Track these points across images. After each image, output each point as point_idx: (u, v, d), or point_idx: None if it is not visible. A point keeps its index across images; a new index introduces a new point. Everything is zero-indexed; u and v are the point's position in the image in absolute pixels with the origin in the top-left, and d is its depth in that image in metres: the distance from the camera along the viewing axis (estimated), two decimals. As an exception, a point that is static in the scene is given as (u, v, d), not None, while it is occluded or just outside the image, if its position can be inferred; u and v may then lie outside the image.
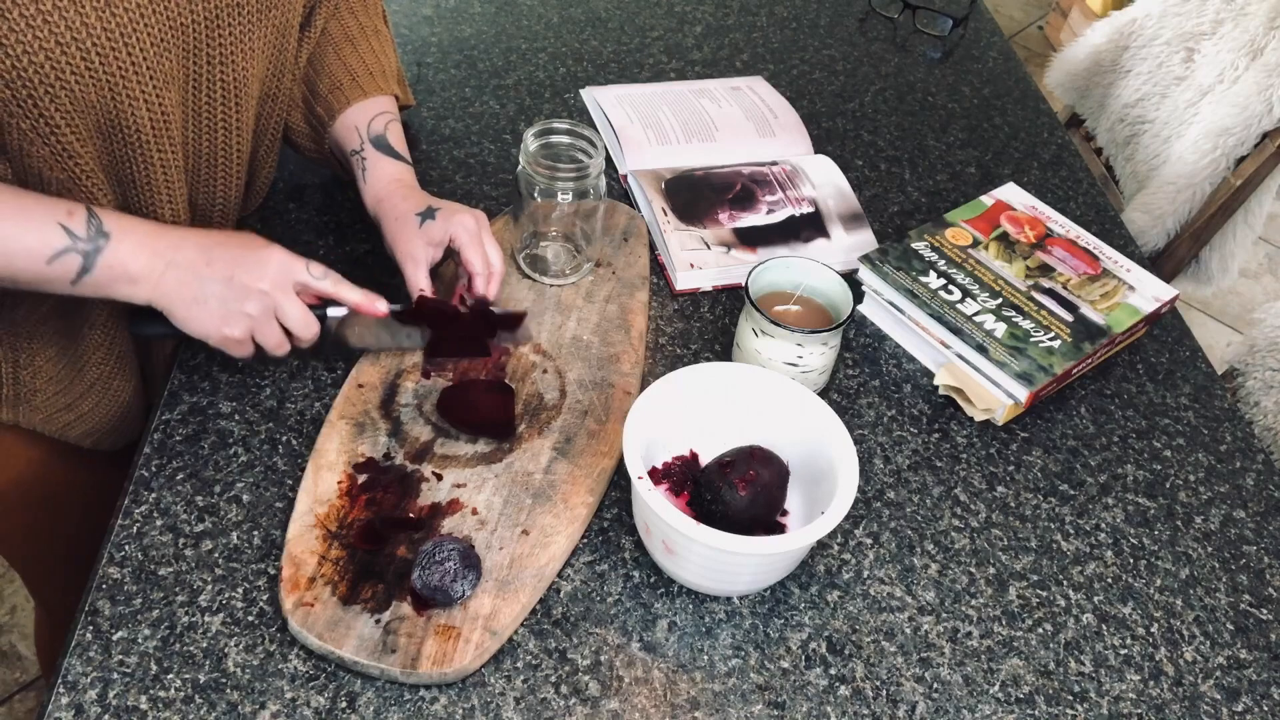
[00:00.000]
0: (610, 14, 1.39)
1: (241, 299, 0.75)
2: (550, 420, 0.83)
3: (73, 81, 0.68)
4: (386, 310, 0.81)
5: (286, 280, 0.77)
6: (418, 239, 0.85)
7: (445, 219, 0.85)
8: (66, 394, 0.88)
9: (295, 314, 0.78)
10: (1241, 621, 0.80)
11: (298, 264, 0.78)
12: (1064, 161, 1.25)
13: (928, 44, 1.43)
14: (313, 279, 0.78)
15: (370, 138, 0.91)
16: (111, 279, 0.73)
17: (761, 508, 0.74)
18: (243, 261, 0.75)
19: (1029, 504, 0.85)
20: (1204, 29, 1.49)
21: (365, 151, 0.91)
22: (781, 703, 0.70)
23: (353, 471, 0.77)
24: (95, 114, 0.72)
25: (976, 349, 0.91)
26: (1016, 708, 0.72)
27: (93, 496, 0.95)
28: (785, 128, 1.19)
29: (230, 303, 0.75)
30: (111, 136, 0.74)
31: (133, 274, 0.73)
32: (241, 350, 0.78)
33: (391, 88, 0.95)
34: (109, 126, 0.73)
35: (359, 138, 0.91)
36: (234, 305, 0.75)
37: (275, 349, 0.78)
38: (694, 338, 0.95)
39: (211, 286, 0.74)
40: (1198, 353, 1.02)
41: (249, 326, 0.76)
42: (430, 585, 0.69)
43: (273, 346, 0.78)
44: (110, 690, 0.65)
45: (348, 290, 0.80)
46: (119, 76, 0.70)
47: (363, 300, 0.80)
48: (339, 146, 0.93)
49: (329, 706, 0.66)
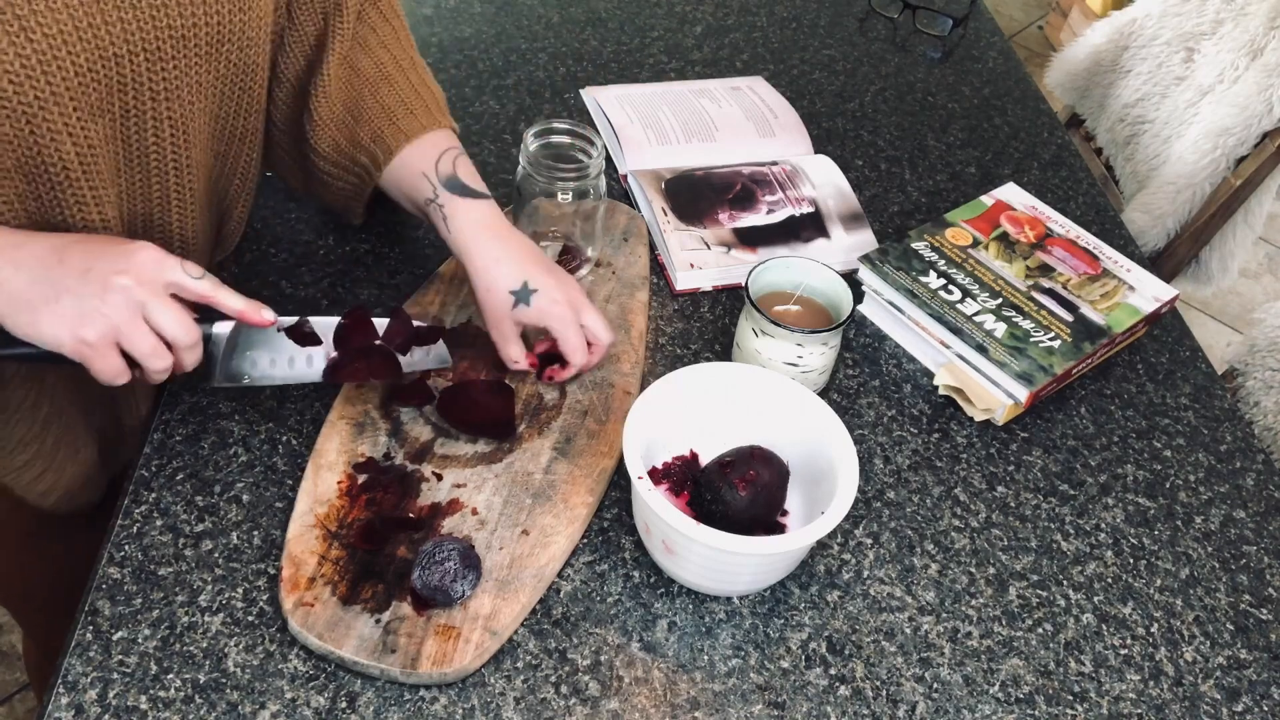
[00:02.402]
0: (610, 14, 1.39)
1: (100, 295, 0.64)
2: (550, 420, 0.83)
3: None
4: (273, 320, 0.72)
5: (156, 277, 0.67)
6: (508, 318, 0.81)
7: (540, 308, 0.81)
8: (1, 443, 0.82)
9: (169, 315, 0.67)
10: (1241, 621, 0.80)
11: (170, 260, 0.67)
12: (1064, 161, 1.25)
13: (928, 44, 1.43)
14: (189, 278, 0.68)
15: (442, 181, 0.83)
16: None
17: (761, 508, 0.74)
18: (102, 254, 0.66)
19: (1029, 504, 0.85)
20: (1204, 29, 1.49)
21: (441, 199, 0.82)
22: (781, 703, 0.70)
23: (353, 471, 0.77)
24: (13, 149, 0.66)
25: (976, 349, 0.91)
26: (1016, 708, 0.72)
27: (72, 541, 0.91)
28: (785, 128, 1.19)
29: (87, 300, 0.64)
30: (35, 176, 0.68)
31: None
32: (106, 363, 0.66)
33: (446, 120, 0.88)
34: (30, 163, 0.67)
35: (429, 184, 0.83)
36: (91, 303, 0.64)
37: (149, 357, 0.67)
38: (694, 338, 0.95)
39: (65, 283, 0.64)
40: (1198, 353, 1.02)
41: (111, 329, 0.65)
42: (430, 585, 0.69)
43: (146, 353, 0.67)
44: (110, 690, 0.65)
45: (228, 295, 0.70)
46: (36, 107, 0.64)
47: (246, 308, 0.70)
48: (405, 198, 0.86)
49: (329, 706, 0.66)
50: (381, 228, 1.00)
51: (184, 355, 0.69)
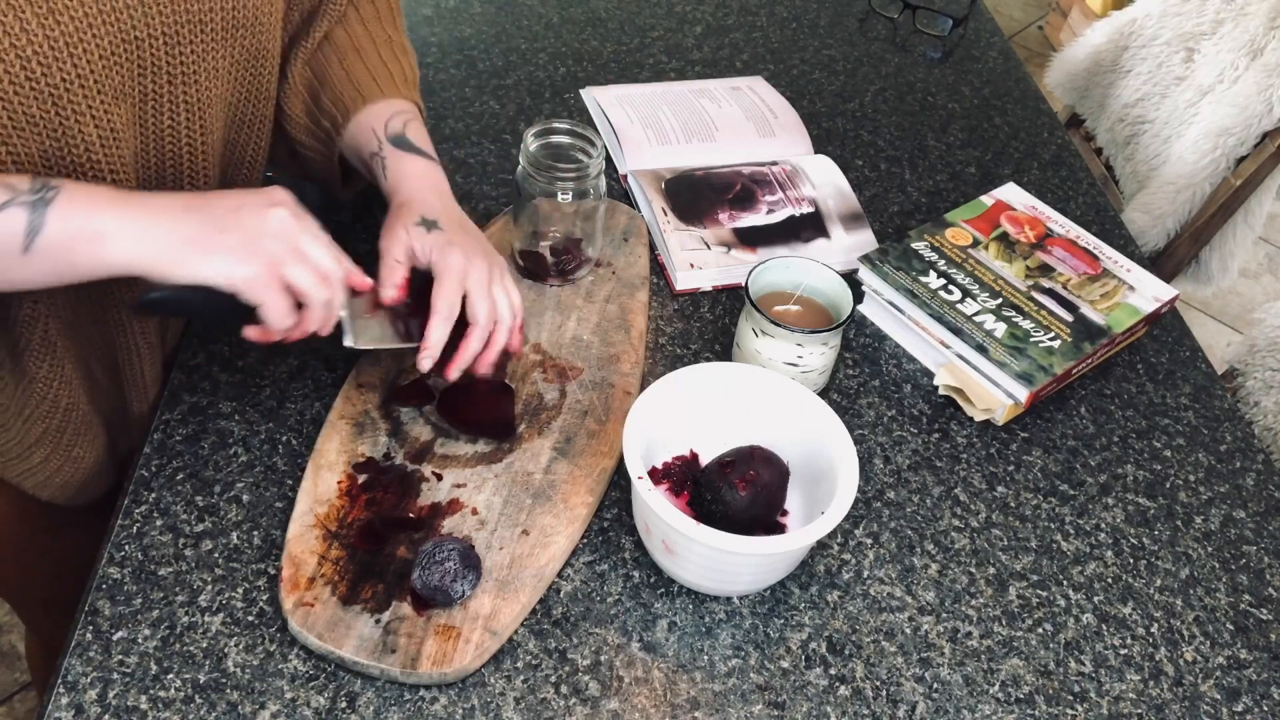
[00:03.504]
0: (610, 14, 1.39)
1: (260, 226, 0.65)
2: (550, 420, 0.83)
3: (10, 92, 0.63)
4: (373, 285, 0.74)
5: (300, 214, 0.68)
6: (405, 235, 0.77)
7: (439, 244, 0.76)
8: (18, 443, 0.82)
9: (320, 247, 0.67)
10: (1241, 621, 0.80)
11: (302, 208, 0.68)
12: (1064, 161, 1.25)
13: (928, 44, 1.43)
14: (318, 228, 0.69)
15: (389, 136, 0.83)
16: (71, 238, 0.62)
17: (761, 508, 0.74)
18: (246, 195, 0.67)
19: (1029, 504, 0.85)
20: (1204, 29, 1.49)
21: (384, 151, 0.82)
22: (781, 703, 0.70)
23: (353, 471, 0.77)
24: (38, 131, 0.66)
25: (976, 349, 0.91)
26: (1016, 708, 0.72)
27: (76, 535, 0.92)
28: (785, 128, 1.19)
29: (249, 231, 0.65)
30: (58, 161, 0.68)
31: (99, 229, 0.62)
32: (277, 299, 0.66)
33: (410, 94, 0.87)
34: (55, 147, 0.67)
35: (375, 139, 0.83)
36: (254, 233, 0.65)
37: (315, 287, 0.67)
38: (694, 338, 0.95)
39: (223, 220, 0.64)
40: (1198, 353, 1.02)
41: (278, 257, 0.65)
42: (430, 585, 0.69)
43: (312, 283, 0.67)
44: (110, 690, 0.65)
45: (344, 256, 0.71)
46: (63, 89, 0.65)
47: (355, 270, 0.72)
48: (355, 155, 0.86)
49: (329, 706, 0.66)
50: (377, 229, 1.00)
51: (337, 292, 0.69)
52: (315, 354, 0.87)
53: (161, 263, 0.63)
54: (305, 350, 0.87)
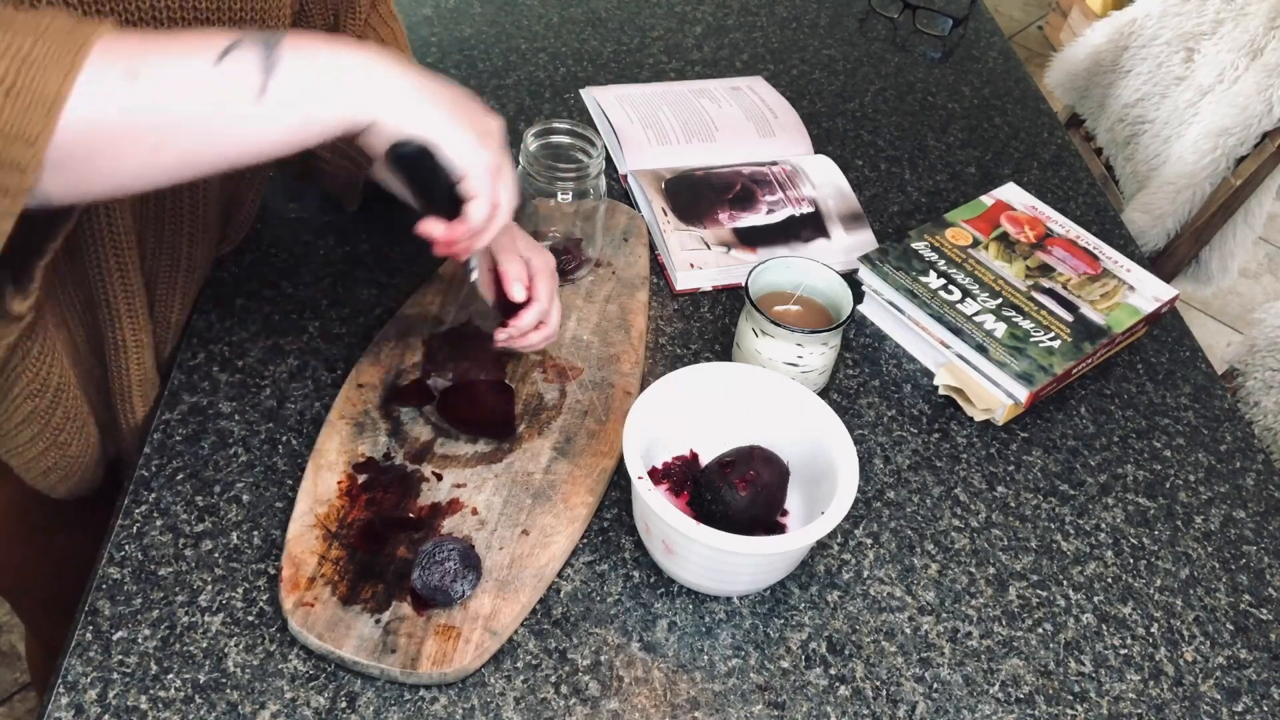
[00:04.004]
0: (610, 14, 1.39)
1: (484, 129, 0.65)
2: (550, 420, 0.83)
3: None
4: None
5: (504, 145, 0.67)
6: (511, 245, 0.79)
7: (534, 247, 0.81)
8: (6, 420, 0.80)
9: (511, 172, 0.68)
10: (1241, 621, 0.80)
11: None
12: (1064, 161, 1.25)
13: (928, 44, 1.43)
14: None
15: None
16: (311, 75, 0.56)
17: (761, 508, 0.74)
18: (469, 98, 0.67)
19: (1029, 504, 0.85)
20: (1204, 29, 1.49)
21: None
22: (781, 703, 0.70)
23: (353, 471, 0.77)
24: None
25: (976, 349, 0.91)
26: (1016, 708, 0.72)
27: (72, 539, 0.91)
28: (785, 128, 1.19)
29: (477, 126, 0.64)
30: None
31: (339, 63, 0.57)
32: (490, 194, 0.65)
33: None
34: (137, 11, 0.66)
35: None
36: (480, 129, 0.65)
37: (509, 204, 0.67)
38: (694, 338, 0.95)
39: (448, 93, 0.63)
40: (1198, 353, 1.02)
41: (495, 164, 0.65)
42: (430, 585, 0.69)
43: (510, 199, 0.67)
44: (110, 690, 0.65)
45: None
46: None
47: None
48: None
49: (329, 706, 0.66)
50: (381, 227, 1.00)
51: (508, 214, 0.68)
52: (315, 354, 0.87)
53: (404, 107, 0.60)
54: (305, 350, 0.87)
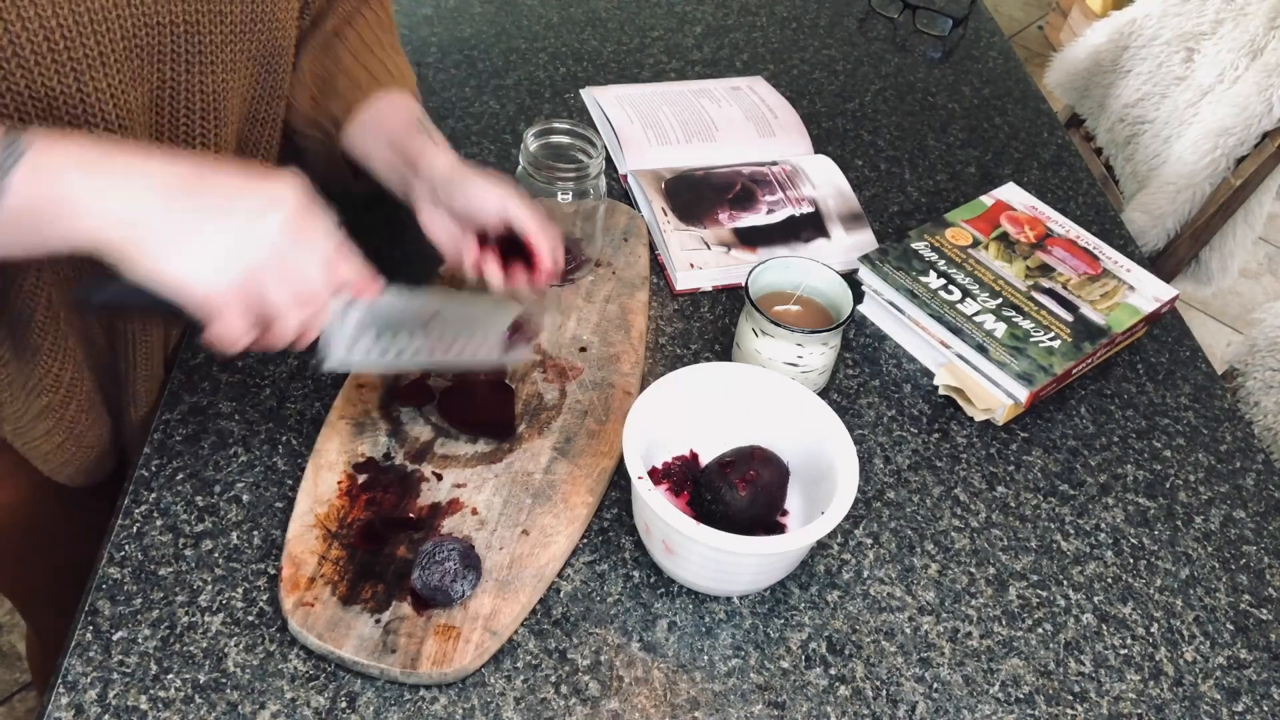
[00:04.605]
0: (610, 14, 1.39)
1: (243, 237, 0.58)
2: (550, 420, 0.83)
3: (32, 62, 0.62)
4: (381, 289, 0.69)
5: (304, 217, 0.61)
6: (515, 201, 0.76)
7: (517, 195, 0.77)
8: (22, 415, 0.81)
9: (315, 260, 0.61)
10: (1241, 621, 0.80)
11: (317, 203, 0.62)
12: (1064, 161, 1.25)
13: (928, 44, 1.43)
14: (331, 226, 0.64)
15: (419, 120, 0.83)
16: (36, 204, 0.54)
17: (761, 508, 0.74)
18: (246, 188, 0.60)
19: (1029, 504, 0.85)
20: (1204, 29, 1.49)
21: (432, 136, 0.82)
22: (781, 703, 0.70)
23: (353, 471, 0.77)
24: (56, 104, 0.65)
25: (976, 349, 0.91)
26: (1016, 708, 0.72)
27: (80, 529, 0.91)
28: (785, 128, 1.19)
29: (228, 242, 0.58)
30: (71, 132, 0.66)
31: (72, 195, 0.55)
32: (230, 322, 0.60)
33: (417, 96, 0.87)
34: (69, 120, 0.66)
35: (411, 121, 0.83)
36: (232, 246, 0.58)
37: (290, 307, 0.61)
38: (694, 338, 0.95)
39: (201, 217, 0.57)
40: (1198, 353, 1.02)
41: (249, 278, 0.59)
42: (430, 585, 0.69)
43: (287, 303, 0.61)
44: (110, 690, 0.65)
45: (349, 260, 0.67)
46: (84, 65, 0.65)
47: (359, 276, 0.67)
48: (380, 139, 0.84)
49: (329, 706, 0.66)
50: (381, 227, 1.00)
51: (319, 314, 0.64)
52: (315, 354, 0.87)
53: (125, 252, 0.57)
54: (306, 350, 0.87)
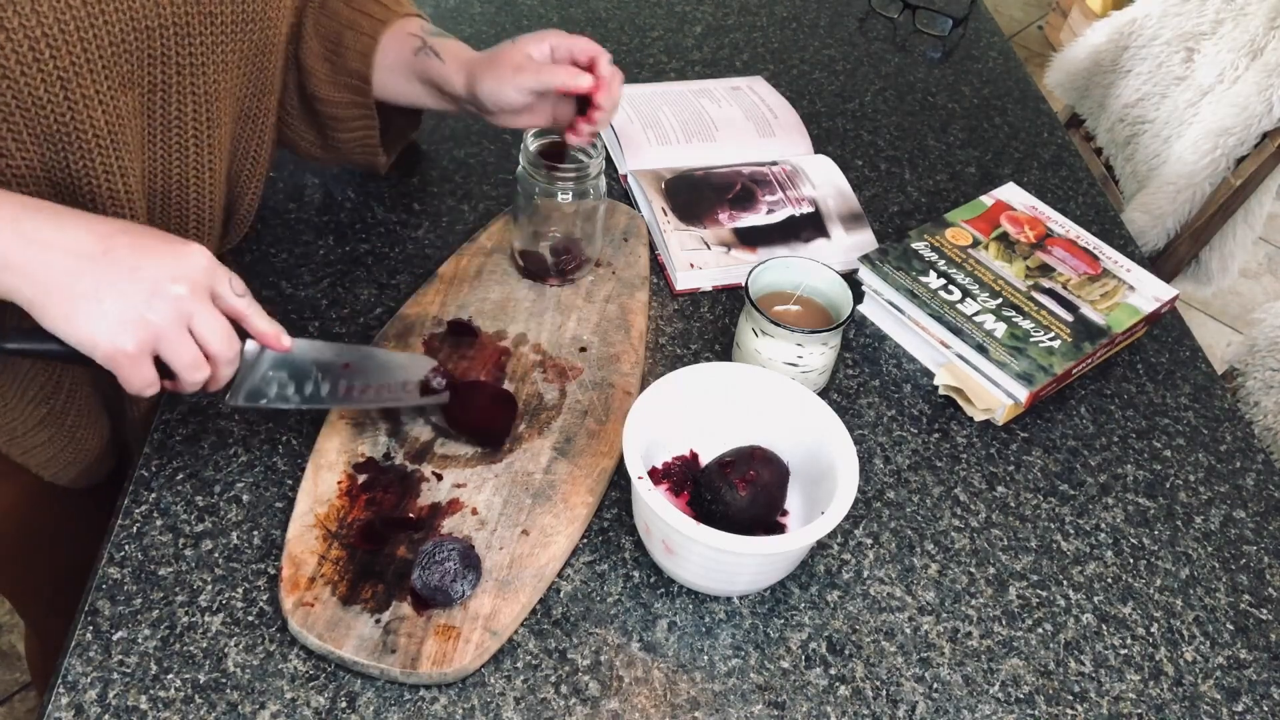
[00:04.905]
0: (610, 14, 1.39)
1: (148, 300, 0.61)
2: (550, 420, 0.83)
3: (17, 72, 0.62)
4: (290, 347, 0.71)
5: (206, 284, 0.64)
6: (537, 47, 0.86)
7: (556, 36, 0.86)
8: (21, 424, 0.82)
9: (216, 327, 0.64)
10: (1241, 621, 0.80)
11: (220, 270, 0.65)
12: (1064, 161, 1.25)
13: (928, 44, 1.43)
14: (232, 293, 0.66)
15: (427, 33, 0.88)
16: None
17: (761, 508, 0.74)
18: (153, 252, 0.62)
19: (1029, 504, 0.85)
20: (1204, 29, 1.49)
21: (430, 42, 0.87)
22: (781, 703, 0.70)
23: (353, 471, 0.77)
24: (44, 113, 0.65)
25: (976, 349, 0.91)
26: (1016, 708, 0.72)
27: (79, 529, 0.92)
28: (785, 128, 1.19)
29: (132, 303, 0.60)
30: (64, 143, 0.68)
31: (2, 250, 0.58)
32: (138, 372, 0.62)
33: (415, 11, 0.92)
34: (61, 130, 0.67)
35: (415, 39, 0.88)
36: (137, 308, 0.60)
37: (189, 369, 0.64)
38: (694, 338, 0.95)
39: (110, 280, 0.60)
40: (1198, 353, 1.02)
41: (153, 337, 0.62)
42: (430, 585, 0.69)
43: (187, 364, 0.64)
44: (110, 690, 0.65)
45: (259, 316, 0.68)
46: (71, 73, 0.65)
47: (270, 331, 0.69)
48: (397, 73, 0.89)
49: (329, 706, 0.66)
50: (381, 228, 1.00)
51: (222, 369, 0.67)
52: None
53: (36, 306, 0.60)
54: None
